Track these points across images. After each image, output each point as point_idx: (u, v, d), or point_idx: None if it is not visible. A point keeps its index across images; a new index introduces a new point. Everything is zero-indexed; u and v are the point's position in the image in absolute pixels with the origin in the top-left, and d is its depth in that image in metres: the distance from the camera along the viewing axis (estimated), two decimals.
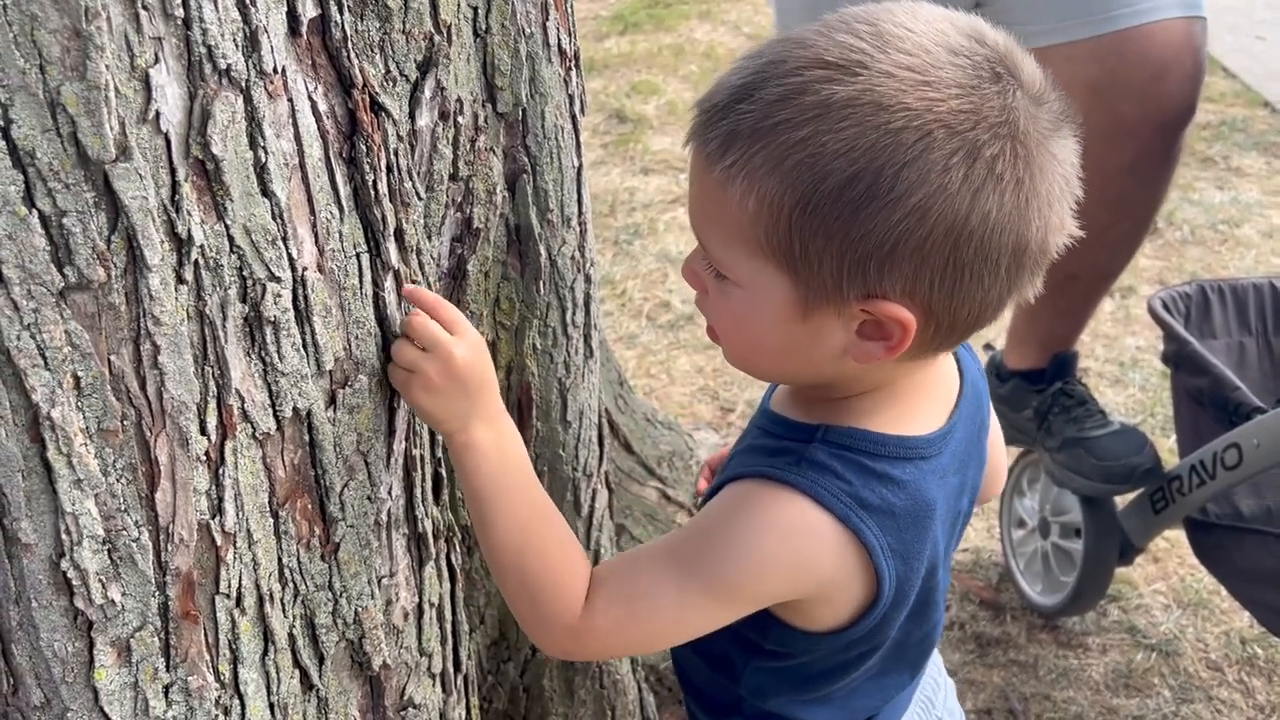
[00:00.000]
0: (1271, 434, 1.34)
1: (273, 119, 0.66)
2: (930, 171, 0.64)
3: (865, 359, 0.71)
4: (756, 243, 0.68)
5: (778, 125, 0.65)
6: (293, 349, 0.71)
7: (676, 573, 0.76)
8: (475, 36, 0.86)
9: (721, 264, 0.72)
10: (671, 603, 0.76)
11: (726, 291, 0.73)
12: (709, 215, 0.71)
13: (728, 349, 0.78)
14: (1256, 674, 1.67)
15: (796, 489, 0.73)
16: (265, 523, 0.73)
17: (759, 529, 0.73)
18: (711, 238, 0.72)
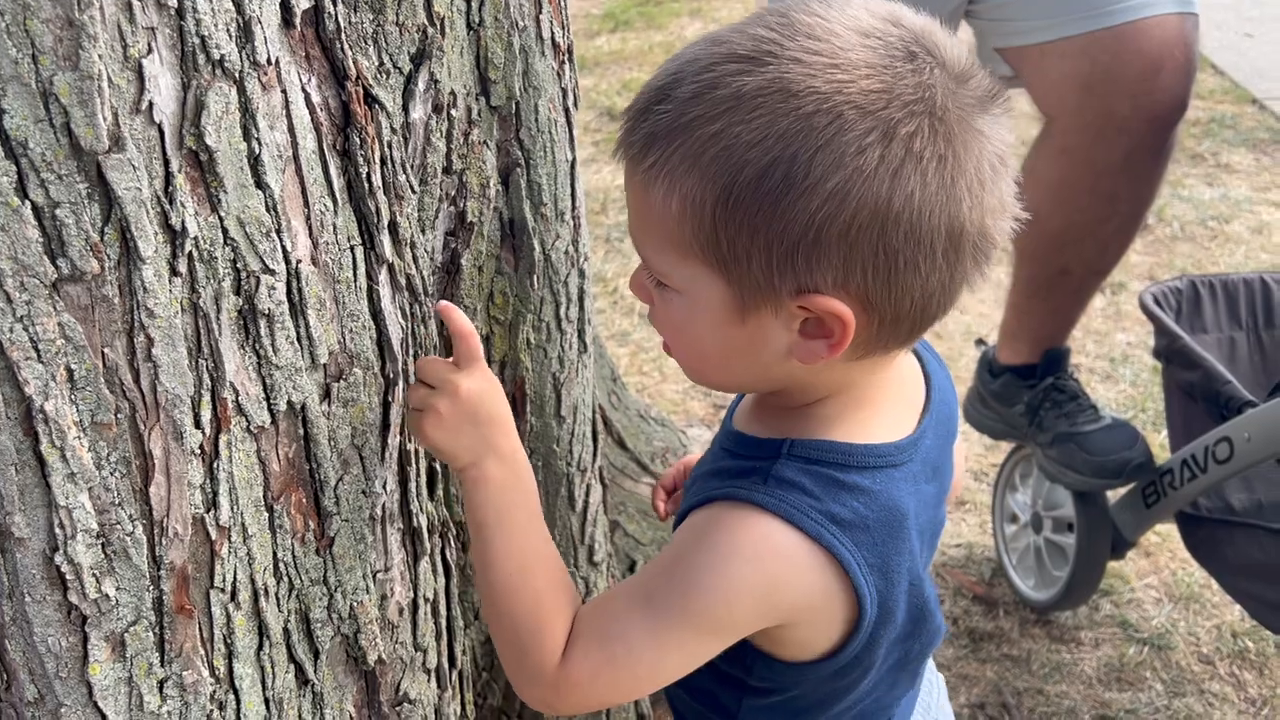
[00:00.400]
0: (1262, 427, 1.34)
1: (266, 110, 0.65)
2: (845, 154, 0.62)
3: (810, 359, 0.69)
4: (686, 244, 0.67)
5: (692, 122, 0.64)
6: (287, 342, 0.70)
7: (649, 610, 0.73)
8: (468, 29, 0.86)
9: (658, 271, 0.70)
10: (647, 643, 0.73)
11: (668, 300, 0.72)
12: (641, 221, 0.70)
13: (679, 360, 0.76)
14: (1248, 667, 1.67)
15: (764, 509, 0.70)
16: (260, 517, 0.73)
17: (727, 554, 0.70)
18: (646, 244, 0.71)
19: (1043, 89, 1.52)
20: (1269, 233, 2.76)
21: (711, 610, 0.71)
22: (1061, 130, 1.51)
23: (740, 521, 0.71)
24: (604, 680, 0.74)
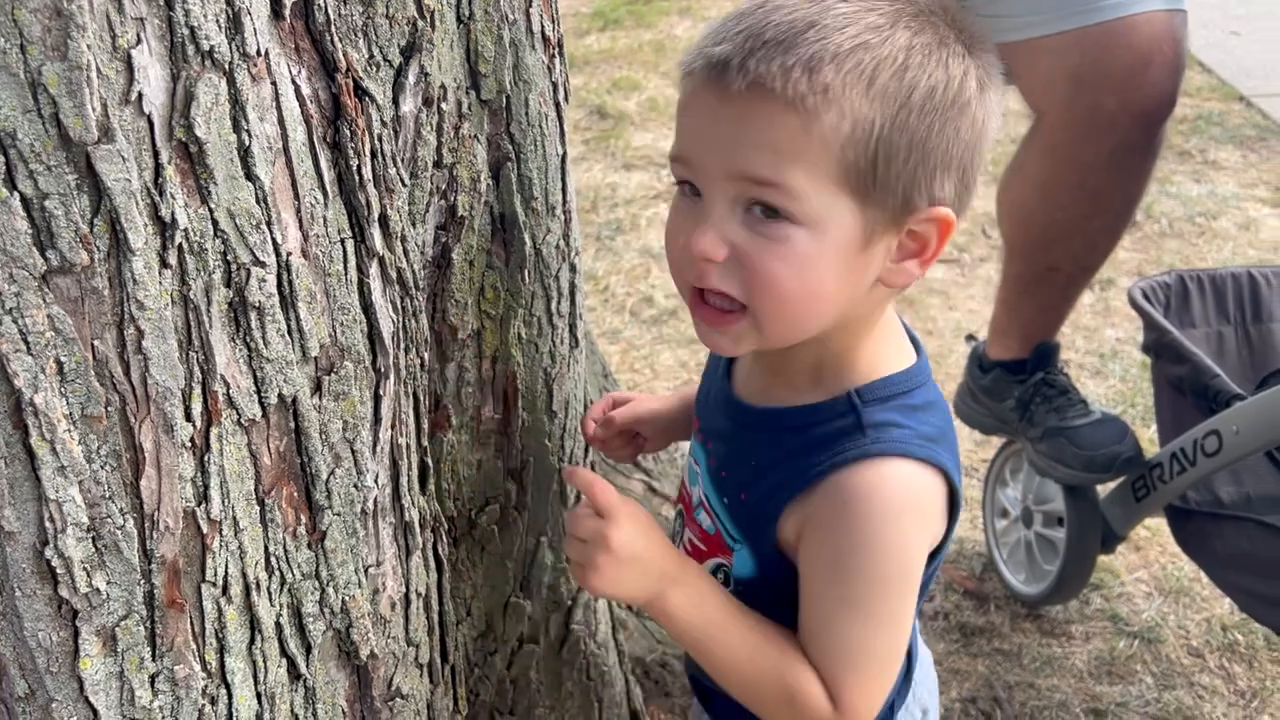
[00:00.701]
0: (1250, 420, 1.35)
1: (256, 102, 0.65)
2: (972, 82, 0.71)
3: (901, 279, 0.75)
4: (839, 171, 0.69)
5: (861, 46, 0.68)
6: (278, 335, 0.70)
7: (864, 615, 0.77)
8: (459, 23, 0.86)
9: (798, 197, 0.69)
10: (886, 638, 0.78)
11: (784, 238, 0.70)
12: (784, 151, 0.69)
13: (777, 308, 0.73)
14: (1238, 660, 1.68)
15: (883, 455, 0.75)
16: (251, 510, 0.73)
17: (883, 515, 0.75)
18: (787, 172, 0.69)
19: (1033, 84, 1.52)
20: (1256, 229, 2.77)
21: (903, 571, 0.76)
22: (1050, 126, 1.51)
23: (871, 481, 0.75)
24: (878, 690, 0.79)
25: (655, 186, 3.07)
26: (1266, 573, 1.38)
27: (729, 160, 0.71)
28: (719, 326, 0.75)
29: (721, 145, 0.71)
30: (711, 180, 0.72)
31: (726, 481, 0.85)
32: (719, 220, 0.72)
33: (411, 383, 0.87)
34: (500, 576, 1.15)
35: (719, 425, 0.87)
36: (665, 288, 2.63)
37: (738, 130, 0.70)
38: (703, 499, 0.88)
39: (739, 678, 0.81)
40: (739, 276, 0.72)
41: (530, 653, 1.22)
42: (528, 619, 1.19)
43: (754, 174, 0.70)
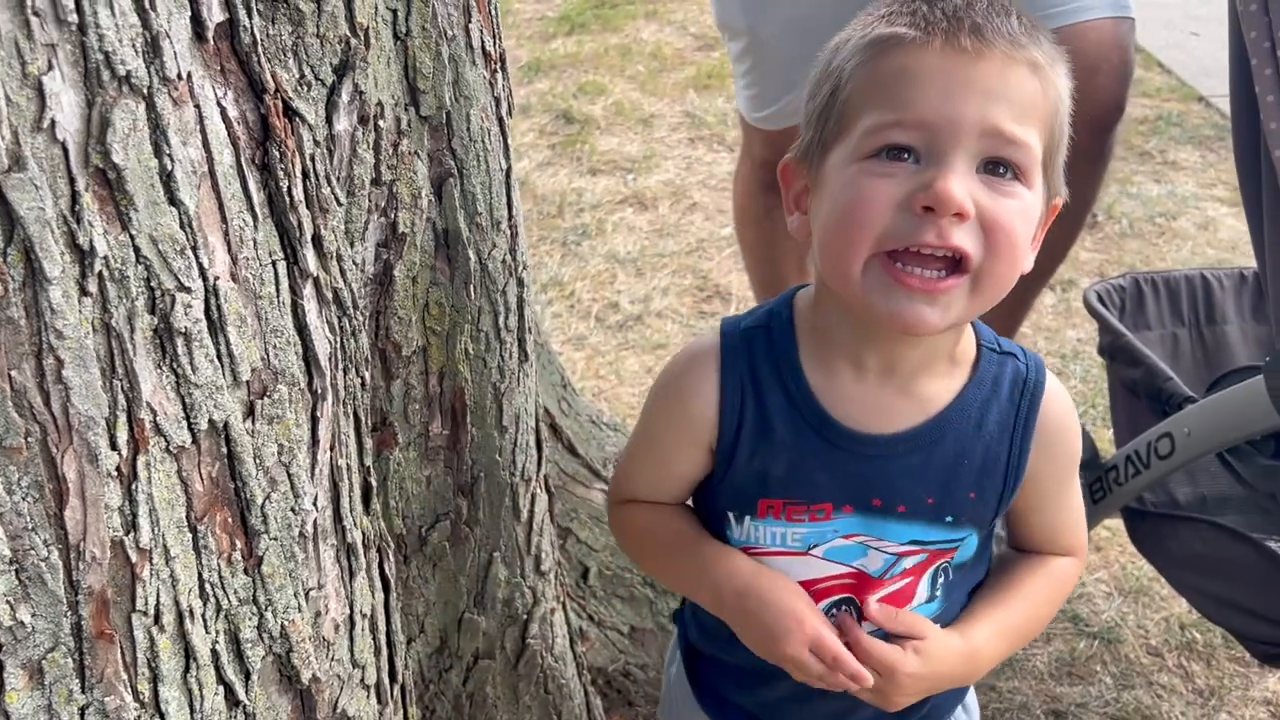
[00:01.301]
0: (1202, 422, 1.36)
1: (178, 126, 0.64)
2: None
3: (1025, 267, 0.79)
4: (1045, 140, 0.75)
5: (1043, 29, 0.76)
6: (206, 360, 0.69)
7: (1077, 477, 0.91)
8: (395, 40, 0.85)
9: (1031, 161, 0.74)
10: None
11: (1018, 194, 0.73)
12: (1029, 112, 0.73)
13: (1008, 267, 0.74)
14: (1195, 659, 1.70)
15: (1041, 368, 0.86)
16: (183, 537, 0.72)
17: (1070, 402, 0.87)
18: (1028, 133, 0.73)
19: None
20: (1214, 228, 2.80)
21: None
22: None
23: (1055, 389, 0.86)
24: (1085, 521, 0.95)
25: (621, 191, 3.07)
26: (1220, 573, 1.40)
27: (984, 117, 0.71)
28: (935, 292, 0.72)
29: (978, 104, 0.71)
30: (956, 141, 0.71)
31: (939, 505, 0.83)
32: (964, 176, 0.71)
33: (351, 403, 0.86)
34: (454, 592, 1.14)
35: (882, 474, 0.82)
36: (631, 293, 2.63)
37: (994, 88, 0.72)
38: (902, 549, 0.84)
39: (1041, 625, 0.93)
40: (977, 237, 0.72)
41: (486, 668, 1.21)
42: (483, 634, 1.19)
43: (1007, 130, 0.72)
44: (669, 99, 3.57)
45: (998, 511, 0.87)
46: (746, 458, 0.83)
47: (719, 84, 3.61)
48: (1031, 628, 0.93)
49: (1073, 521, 0.93)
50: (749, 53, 1.73)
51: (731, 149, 3.21)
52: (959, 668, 0.86)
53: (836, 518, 0.83)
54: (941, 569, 0.87)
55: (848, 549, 0.84)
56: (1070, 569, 0.93)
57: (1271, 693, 1.64)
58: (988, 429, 0.83)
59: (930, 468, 0.82)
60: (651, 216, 2.95)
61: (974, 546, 0.88)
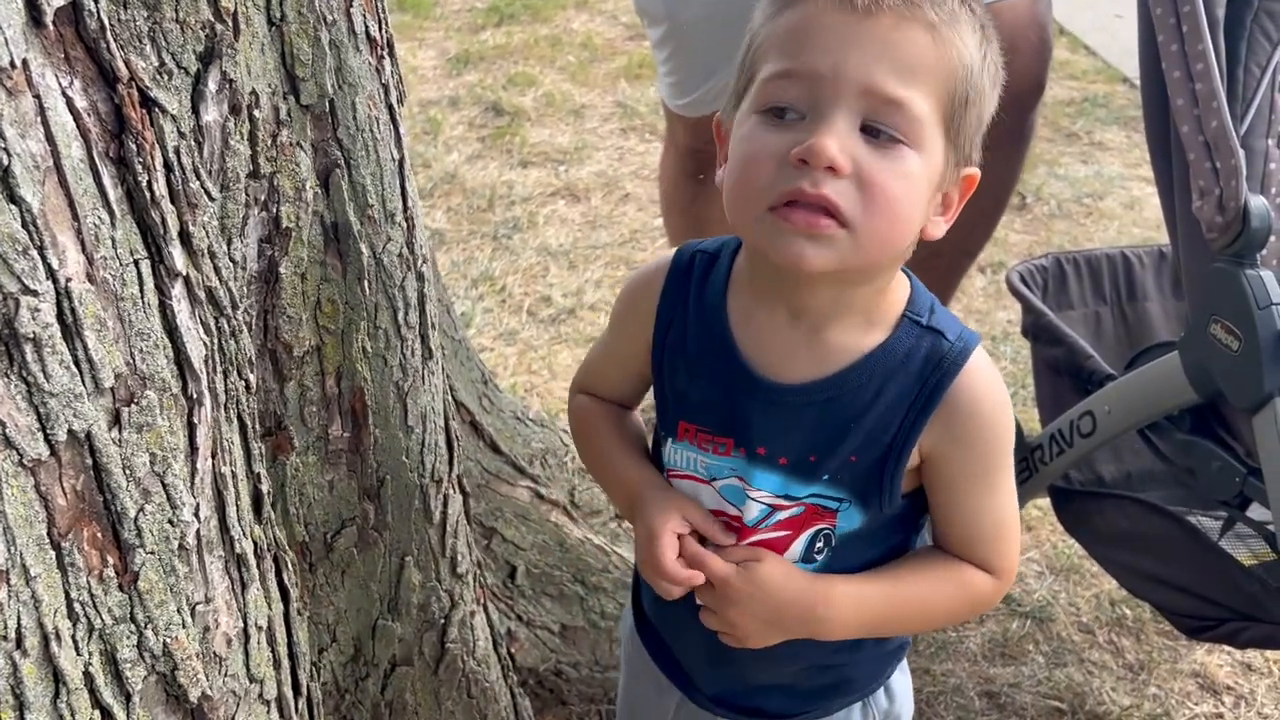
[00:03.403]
0: (1121, 400, 1.37)
1: (14, 117, 0.60)
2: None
3: (934, 232, 0.80)
4: (944, 102, 0.74)
5: None
6: (61, 367, 0.65)
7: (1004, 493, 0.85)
8: (270, 25, 0.82)
9: (919, 119, 0.73)
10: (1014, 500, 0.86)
11: (900, 156, 0.73)
12: (916, 73, 0.73)
13: (885, 227, 0.74)
14: (1125, 634, 1.71)
15: (971, 345, 0.81)
16: (45, 556, 0.68)
17: (1000, 392, 0.82)
18: (914, 93, 0.73)
19: None
20: (1140, 208, 2.84)
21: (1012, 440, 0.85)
22: None
23: (980, 372, 0.81)
24: (1018, 548, 0.88)
25: (553, 183, 3.03)
26: (1145, 549, 1.41)
27: (866, 75, 0.72)
28: (816, 229, 0.73)
29: (858, 60, 0.72)
30: (837, 96, 0.73)
31: (819, 463, 0.83)
32: (843, 134, 0.72)
33: (235, 407, 0.82)
34: (365, 599, 1.11)
35: (773, 422, 0.83)
36: (563, 286, 2.60)
37: (879, 46, 0.72)
38: (776, 501, 0.85)
39: (923, 620, 0.90)
40: (853, 194, 0.73)
41: (405, 674, 1.18)
42: (398, 640, 1.15)
43: (887, 90, 0.72)
44: (600, 89, 3.54)
45: (882, 487, 0.82)
46: (669, 373, 0.88)
47: (650, 74, 3.58)
48: (905, 617, 0.88)
49: (992, 532, 0.85)
50: (668, 39, 1.71)
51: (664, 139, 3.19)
52: (797, 603, 0.83)
53: (734, 456, 0.85)
54: (822, 533, 0.85)
55: (737, 490, 0.86)
56: (982, 585, 0.86)
57: (1199, 665, 1.65)
58: (885, 398, 0.81)
59: (820, 424, 0.82)
60: (584, 208, 2.92)
61: (857, 520, 0.84)
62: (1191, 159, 1.16)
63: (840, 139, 0.72)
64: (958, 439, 0.82)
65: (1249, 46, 1.18)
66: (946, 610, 0.89)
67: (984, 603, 0.89)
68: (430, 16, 4.04)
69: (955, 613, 0.91)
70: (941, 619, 0.91)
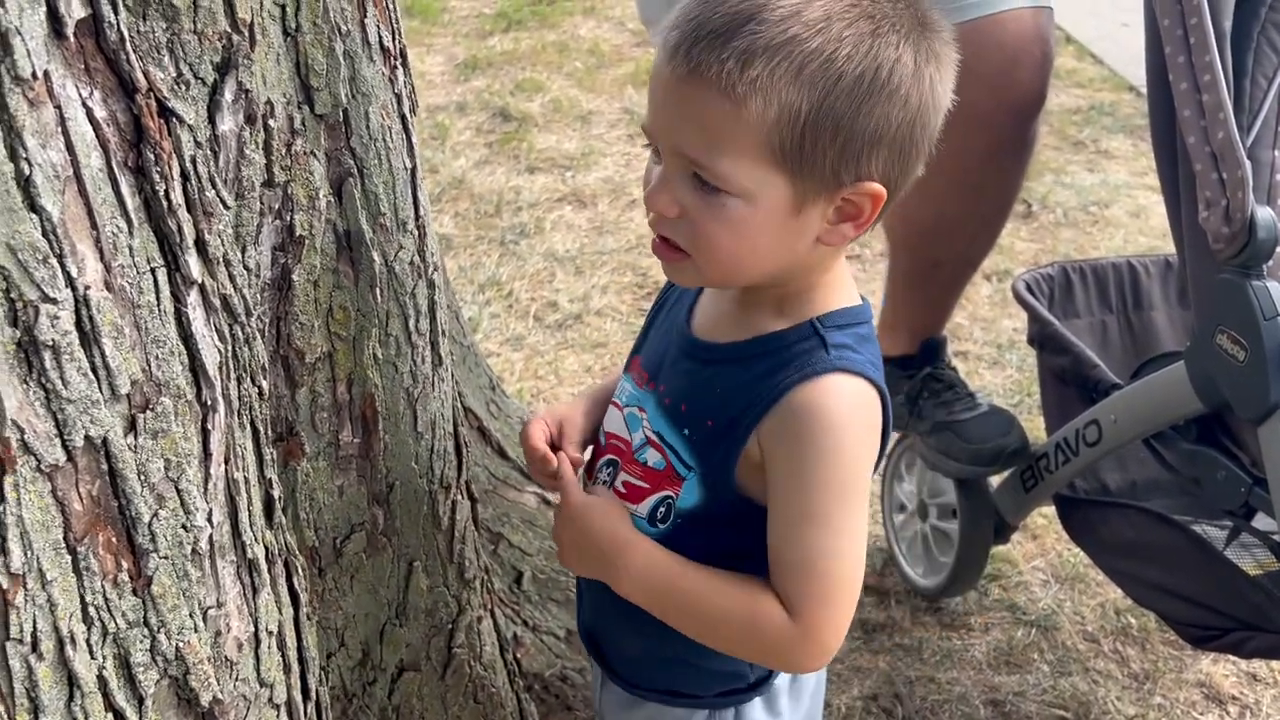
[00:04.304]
0: (1127, 409, 1.37)
1: (36, 128, 0.61)
2: (908, 64, 0.77)
3: (837, 240, 0.82)
4: (768, 150, 0.77)
5: (792, 39, 0.75)
6: (78, 373, 0.66)
7: (824, 523, 0.82)
8: (285, 36, 0.82)
9: (725, 177, 0.78)
10: (844, 544, 0.82)
11: (721, 204, 0.79)
12: (715, 133, 0.77)
13: (708, 261, 0.82)
14: (1131, 643, 1.71)
15: (845, 371, 0.81)
16: (61, 560, 0.68)
17: (844, 425, 0.81)
18: (716, 155, 0.77)
19: None
20: (1146, 216, 2.84)
21: (862, 478, 0.83)
22: None
23: (834, 392, 0.81)
24: (843, 598, 0.83)
25: (560, 189, 3.04)
26: (1150, 559, 1.41)
27: (672, 137, 0.80)
28: (667, 258, 0.84)
29: (669, 122, 0.80)
30: (665, 150, 0.81)
31: (687, 414, 0.89)
32: (672, 183, 0.81)
33: (248, 413, 0.83)
34: (374, 604, 1.11)
35: (677, 368, 0.91)
36: (570, 292, 2.60)
37: (680, 111, 0.78)
38: (651, 437, 0.91)
39: (704, 626, 0.87)
40: (687, 232, 0.81)
41: (412, 679, 1.18)
42: (406, 645, 1.16)
43: (689, 154, 0.79)
44: (607, 95, 3.55)
45: (719, 463, 0.84)
46: (650, 322, 0.99)
47: None
48: (685, 607, 0.86)
49: (799, 568, 0.82)
50: None
51: None
52: (602, 539, 0.89)
53: (644, 389, 0.94)
54: (666, 500, 0.89)
55: (635, 419, 0.94)
56: (771, 617, 0.82)
57: (1205, 675, 1.65)
58: (750, 377, 0.85)
59: (700, 378, 0.89)
60: (590, 214, 2.93)
61: (695, 496, 0.87)
62: (1198, 170, 1.16)
63: (670, 189, 0.80)
64: (784, 440, 0.82)
65: (1256, 58, 1.19)
66: (725, 623, 0.85)
67: (772, 642, 0.83)
68: (438, 22, 4.06)
69: (735, 634, 0.85)
70: (720, 632, 0.86)
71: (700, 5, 0.78)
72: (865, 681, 1.64)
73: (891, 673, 1.65)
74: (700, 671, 0.95)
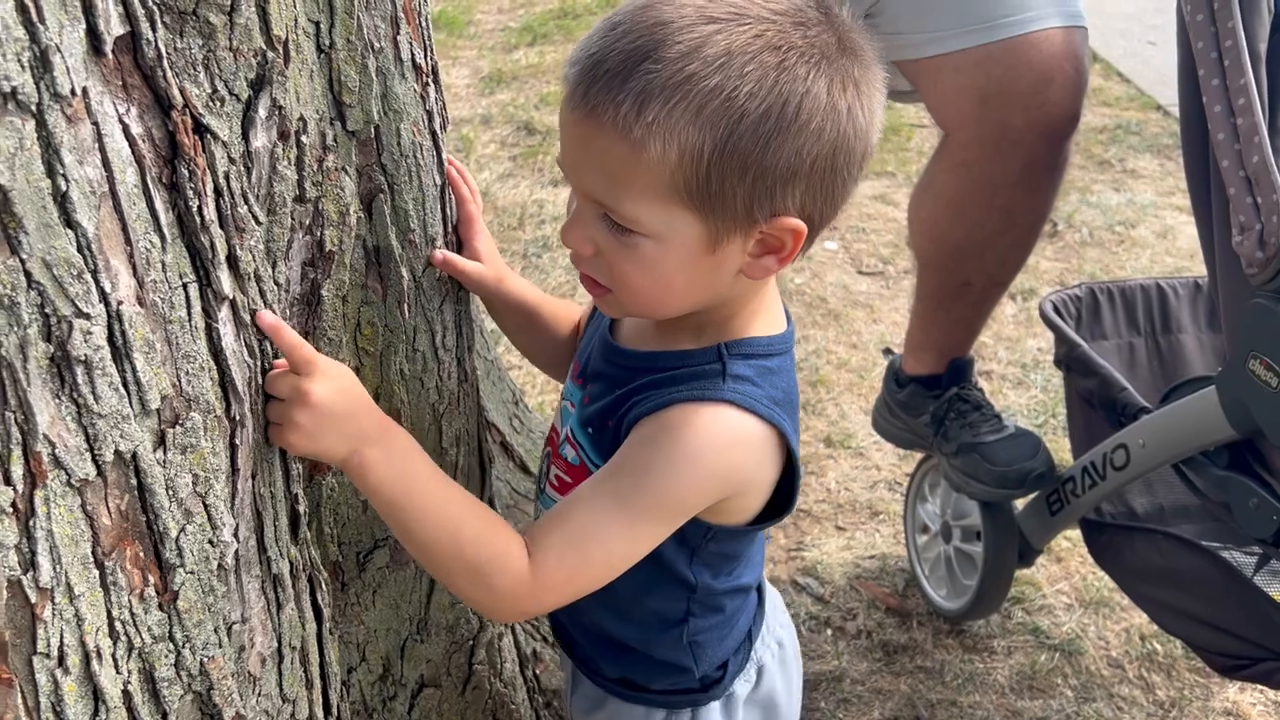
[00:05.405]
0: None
1: (73, 144, 0.61)
2: (821, 97, 0.74)
3: (760, 274, 0.81)
4: (674, 191, 0.74)
5: (689, 78, 0.72)
6: (110, 388, 0.66)
7: (622, 509, 0.80)
8: (319, 53, 0.83)
9: (631, 218, 0.76)
10: (622, 536, 0.81)
11: (633, 245, 0.78)
12: (618, 176, 0.75)
13: (628, 297, 0.82)
14: (1156, 670, 1.69)
15: (731, 403, 0.81)
16: (89, 574, 0.68)
17: (700, 448, 0.80)
18: (620, 197, 0.76)
19: (939, 103, 1.52)
20: (1173, 236, 2.82)
21: (684, 499, 0.82)
22: (959, 144, 1.51)
23: (710, 418, 0.80)
24: (581, 577, 0.82)
25: None
26: (1177, 585, 1.39)
27: (579, 180, 0.79)
28: (595, 294, 0.84)
29: (574, 162, 0.79)
30: (574, 188, 0.80)
31: (594, 413, 0.89)
32: (585, 222, 0.80)
33: None
34: (395, 619, 1.11)
35: (599, 369, 0.92)
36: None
37: (582, 153, 0.77)
38: (569, 434, 0.93)
39: (435, 540, 0.82)
40: (603, 270, 0.81)
41: (432, 695, 1.18)
42: (427, 661, 1.15)
43: (594, 196, 0.78)
44: None
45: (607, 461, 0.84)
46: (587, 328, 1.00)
47: None
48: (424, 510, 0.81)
49: (574, 534, 0.80)
50: None
51: None
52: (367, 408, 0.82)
53: (577, 385, 0.94)
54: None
55: (567, 412, 0.95)
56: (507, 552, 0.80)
57: (1232, 703, 1.63)
58: (645, 393, 0.84)
59: (610, 381, 0.89)
60: None
61: None
62: (1232, 194, 1.15)
63: (582, 227, 0.80)
64: (643, 436, 0.81)
65: None
66: (455, 556, 0.81)
67: (495, 575, 0.80)
68: (464, 35, 4.08)
69: (464, 567, 0.81)
70: (447, 562, 0.82)
71: (600, 39, 0.75)
72: (886, 704, 1.62)
73: (913, 695, 1.63)
74: (643, 659, 0.96)
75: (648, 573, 0.87)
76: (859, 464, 2.08)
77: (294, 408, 0.79)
